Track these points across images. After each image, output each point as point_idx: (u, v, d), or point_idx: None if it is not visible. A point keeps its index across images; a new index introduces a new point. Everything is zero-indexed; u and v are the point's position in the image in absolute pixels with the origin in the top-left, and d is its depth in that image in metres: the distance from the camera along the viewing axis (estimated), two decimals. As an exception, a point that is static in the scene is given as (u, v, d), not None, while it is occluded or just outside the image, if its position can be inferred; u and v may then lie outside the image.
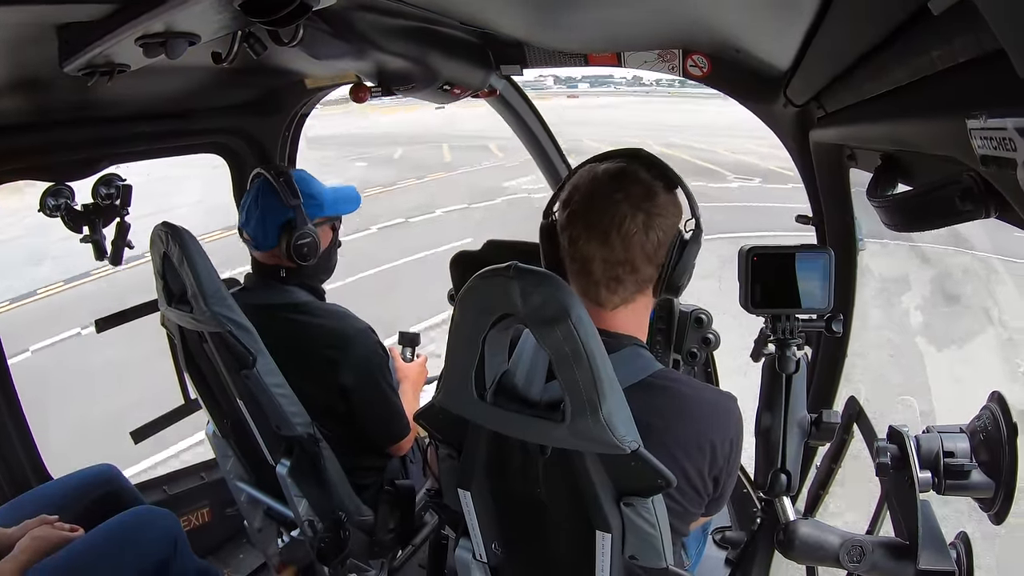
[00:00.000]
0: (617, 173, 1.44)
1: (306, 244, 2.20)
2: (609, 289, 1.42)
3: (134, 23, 1.18)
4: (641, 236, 1.39)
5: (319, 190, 2.31)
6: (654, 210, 1.40)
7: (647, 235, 1.39)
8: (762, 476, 1.56)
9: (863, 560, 1.23)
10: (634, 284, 1.42)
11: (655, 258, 1.42)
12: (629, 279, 1.41)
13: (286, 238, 2.19)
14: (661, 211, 1.41)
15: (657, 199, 1.41)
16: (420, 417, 1.44)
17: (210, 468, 3.25)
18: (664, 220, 1.41)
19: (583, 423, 1.13)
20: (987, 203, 0.82)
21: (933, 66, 0.88)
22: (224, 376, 2.16)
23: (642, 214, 1.39)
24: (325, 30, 1.70)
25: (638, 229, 1.38)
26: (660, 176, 1.45)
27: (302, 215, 2.20)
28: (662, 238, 1.41)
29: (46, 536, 2.02)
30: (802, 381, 1.58)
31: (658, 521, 1.23)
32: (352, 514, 2.33)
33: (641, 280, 1.43)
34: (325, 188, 2.35)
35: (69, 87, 1.71)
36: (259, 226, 2.22)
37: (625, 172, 1.44)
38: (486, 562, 1.48)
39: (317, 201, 2.28)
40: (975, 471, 1.19)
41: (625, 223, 1.38)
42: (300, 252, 2.20)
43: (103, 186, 2.59)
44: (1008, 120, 0.61)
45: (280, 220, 2.20)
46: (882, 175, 1.33)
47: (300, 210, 2.20)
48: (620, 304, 1.44)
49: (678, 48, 2.05)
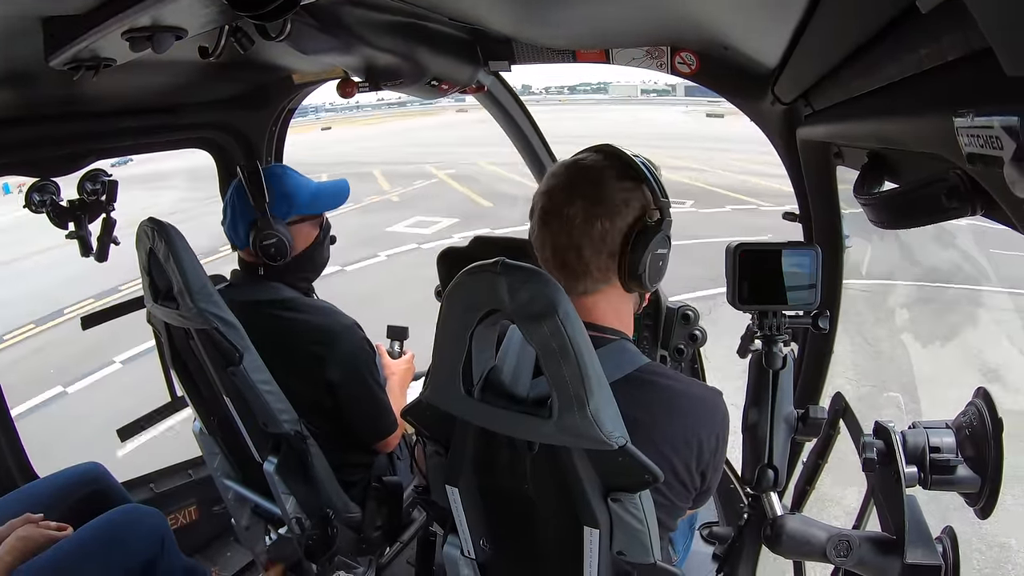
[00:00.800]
0: (570, 165, 1.46)
1: (272, 245, 2.18)
2: (564, 275, 1.42)
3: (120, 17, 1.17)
4: (582, 224, 1.38)
5: (294, 188, 2.27)
6: (598, 198, 1.39)
7: (590, 224, 1.38)
8: (749, 472, 1.58)
9: (850, 555, 1.24)
10: (587, 272, 1.41)
11: (605, 246, 1.40)
12: (579, 266, 1.40)
13: (252, 238, 2.19)
14: (606, 200, 1.39)
15: (603, 189, 1.40)
16: (407, 413, 1.43)
17: (197, 466, 3.24)
18: (609, 208, 1.39)
19: (570, 419, 1.13)
20: (973, 201, 0.83)
21: (921, 64, 0.89)
22: (211, 373, 2.15)
23: (582, 201, 1.39)
24: (313, 25, 1.69)
25: (578, 216, 1.38)
26: (617, 167, 1.43)
27: (266, 217, 2.18)
28: (608, 226, 1.39)
29: (31, 535, 2.00)
30: (789, 377, 1.59)
31: (646, 516, 1.24)
32: (340, 511, 2.33)
33: (596, 268, 1.41)
34: (307, 185, 2.32)
35: (54, 81, 1.69)
36: (231, 226, 2.22)
37: (577, 164, 1.45)
38: (474, 558, 1.48)
39: (292, 200, 2.25)
40: (961, 466, 1.21)
41: (564, 210, 1.39)
42: (267, 253, 2.19)
43: (89, 182, 2.57)
44: (995, 118, 0.61)
45: (247, 220, 2.19)
46: (869, 173, 1.33)
47: (264, 210, 2.18)
48: (584, 293, 1.43)
49: (666, 45, 2.05)
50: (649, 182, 1.42)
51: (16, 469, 2.64)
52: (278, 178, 2.25)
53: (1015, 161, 0.58)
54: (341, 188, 2.41)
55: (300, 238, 2.28)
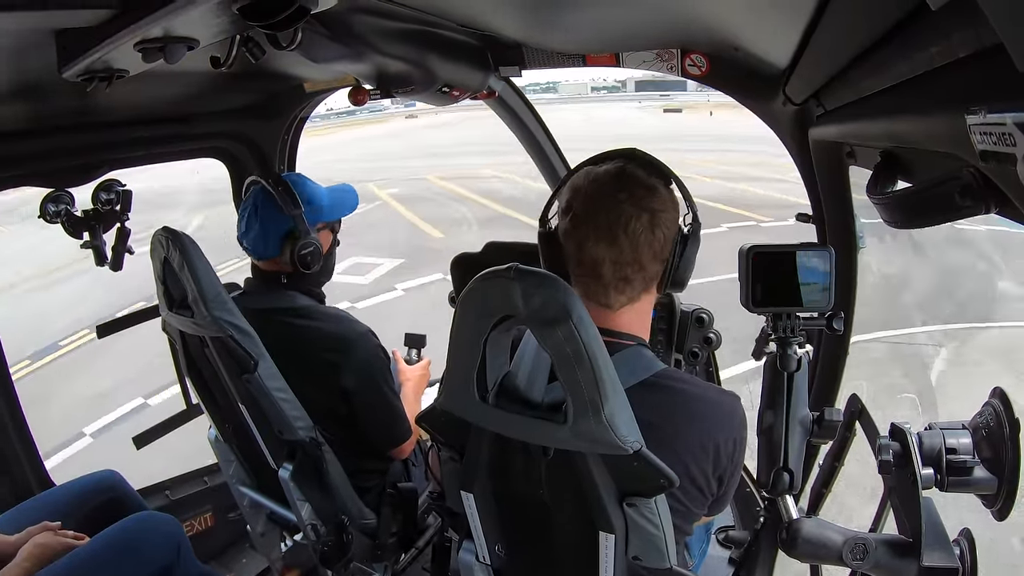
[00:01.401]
0: (618, 173, 1.44)
1: (310, 253, 2.20)
2: (618, 290, 1.42)
3: (132, 28, 1.18)
4: (648, 235, 1.39)
5: (316, 194, 2.29)
6: (657, 207, 1.40)
7: (653, 233, 1.39)
8: (765, 475, 1.57)
9: (867, 558, 1.23)
10: (642, 283, 1.43)
11: (661, 255, 1.42)
12: (637, 278, 1.42)
13: (289, 247, 2.18)
14: (663, 208, 1.41)
15: (658, 196, 1.41)
16: (422, 420, 1.44)
17: (212, 473, 3.25)
18: (667, 216, 1.42)
19: (585, 424, 1.13)
20: (987, 199, 0.82)
21: (932, 62, 0.88)
22: (226, 380, 2.16)
23: (646, 213, 1.39)
24: (323, 33, 1.70)
25: (644, 228, 1.39)
26: (657, 174, 1.45)
27: (303, 224, 2.19)
28: (667, 234, 1.42)
29: (48, 543, 2.02)
30: (804, 379, 1.58)
31: (661, 521, 1.23)
32: (355, 517, 2.33)
33: (648, 278, 1.43)
34: (321, 190, 2.34)
35: (68, 93, 1.71)
36: (260, 237, 2.21)
37: (625, 172, 1.44)
38: (489, 564, 1.48)
39: (316, 206, 2.26)
40: (978, 467, 1.19)
41: (632, 223, 1.38)
42: (304, 261, 2.19)
43: (103, 192, 2.59)
44: (1008, 115, 0.61)
45: (282, 230, 2.19)
46: (882, 172, 1.33)
47: (301, 219, 2.18)
48: (626, 303, 1.44)
49: (676, 48, 2.05)
50: (680, 184, 1.44)
51: (33, 477, 2.66)
52: (301, 185, 2.26)
53: None
54: (352, 193, 2.43)
55: (323, 244, 2.30)
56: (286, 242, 2.19)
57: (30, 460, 2.66)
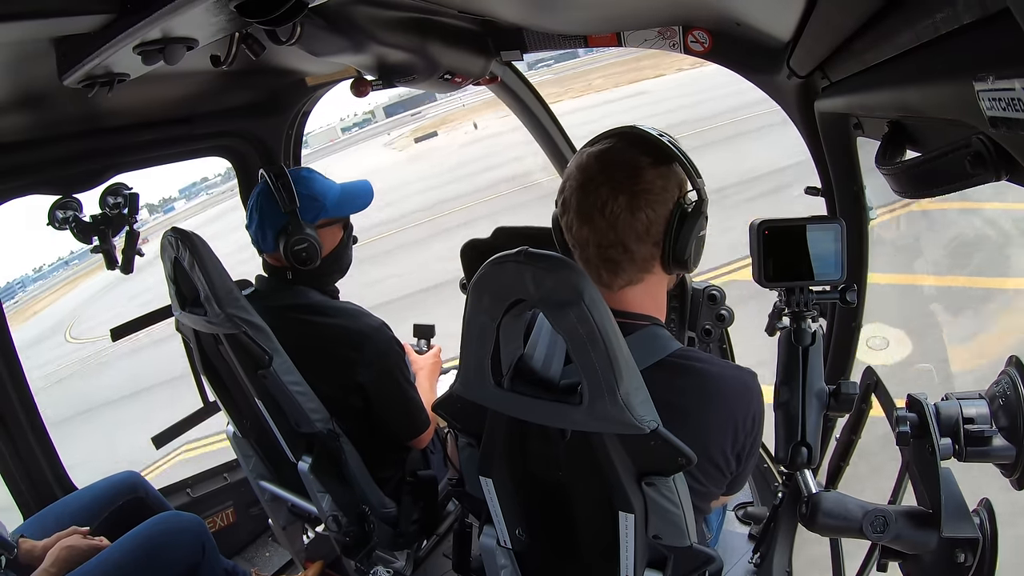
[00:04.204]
0: (599, 155, 1.43)
1: (304, 250, 2.19)
2: (608, 270, 1.41)
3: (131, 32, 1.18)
4: (627, 216, 1.37)
5: (323, 190, 2.28)
6: (638, 188, 1.37)
7: (633, 215, 1.37)
8: (783, 450, 1.57)
9: (887, 530, 1.23)
10: (632, 264, 1.41)
11: (649, 236, 1.39)
12: (624, 259, 1.40)
13: (283, 243, 2.19)
14: (647, 188, 1.38)
15: (642, 177, 1.38)
16: (439, 407, 1.44)
17: (232, 469, 3.29)
18: (652, 197, 1.38)
19: (601, 405, 1.14)
20: (997, 166, 0.82)
21: (937, 29, 0.87)
22: (241, 377, 2.17)
23: (624, 195, 1.37)
24: (322, 26, 1.70)
25: (622, 210, 1.37)
26: (649, 152, 1.42)
27: (297, 220, 2.18)
28: (653, 215, 1.38)
29: (76, 545, 2.05)
30: (818, 353, 1.57)
31: (680, 500, 1.24)
32: (375, 507, 2.35)
33: (641, 259, 1.41)
34: (332, 186, 2.32)
35: (70, 100, 1.72)
36: (258, 230, 2.23)
37: (608, 153, 1.43)
38: (511, 548, 1.49)
39: (319, 203, 2.25)
40: (996, 437, 1.19)
41: (608, 205, 1.37)
42: (298, 258, 2.19)
43: (110, 196, 2.61)
44: (1016, 80, 0.60)
45: (277, 225, 2.20)
46: (890, 142, 1.31)
47: (295, 215, 2.18)
48: (626, 284, 1.43)
49: (678, 25, 2.03)
50: (681, 161, 1.42)
51: (55, 482, 2.70)
52: (305, 181, 2.25)
53: None
54: (366, 189, 2.41)
55: (327, 240, 2.29)
56: (280, 237, 2.19)
57: (51, 465, 2.69)
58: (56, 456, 2.72)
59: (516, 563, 1.53)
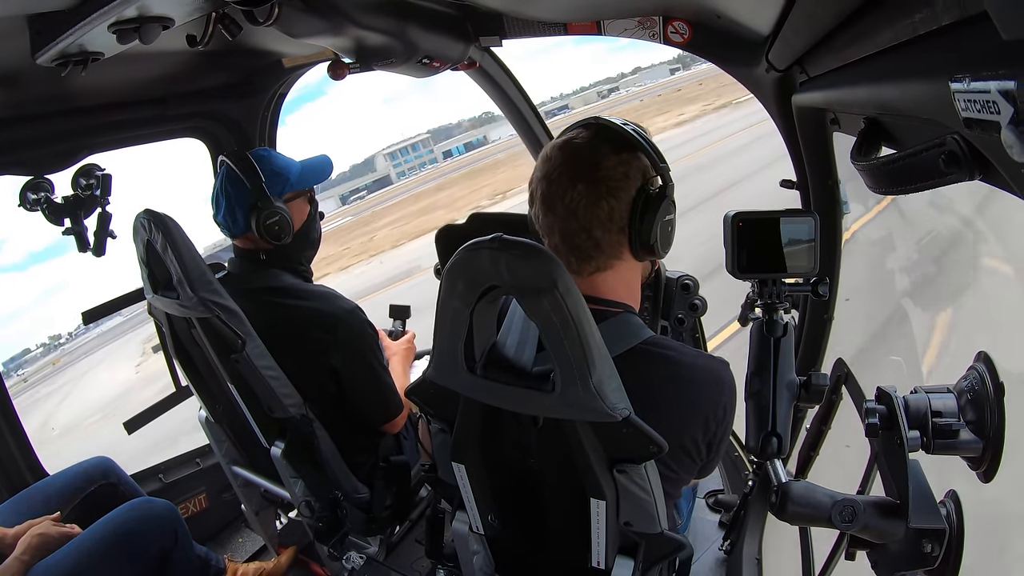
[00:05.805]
0: (563, 145, 1.43)
1: (276, 223, 2.19)
2: (576, 257, 1.41)
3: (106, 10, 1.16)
4: (587, 204, 1.37)
5: (284, 165, 2.28)
6: (598, 176, 1.37)
7: (595, 203, 1.37)
8: (753, 439, 1.59)
9: (855, 520, 1.25)
10: (599, 251, 1.40)
11: (613, 223, 1.39)
12: (590, 246, 1.39)
13: (254, 220, 2.17)
14: (607, 176, 1.38)
15: (601, 166, 1.38)
16: (411, 393, 1.44)
17: (205, 454, 3.27)
18: (614, 184, 1.38)
19: (573, 392, 1.14)
20: (971, 166, 0.83)
21: (916, 29, 0.88)
22: (214, 361, 2.15)
23: (583, 183, 1.37)
24: (300, 7, 1.68)
25: (581, 198, 1.37)
26: (611, 140, 1.41)
27: (265, 195, 2.18)
28: (616, 203, 1.38)
29: (48, 532, 2.03)
30: (790, 344, 1.60)
31: (651, 487, 1.25)
32: (348, 492, 2.35)
33: (607, 246, 1.40)
34: (293, 162, 2.32)
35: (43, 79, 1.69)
36: (228, 213, 2.21)
37: (570, 143, 1.43)
38: (483, 534, 1.49)
39: (284, 176, 2.25)
40: (963, 430, 1.21)
41: (568, 194, 1.38)
42: (272, 232, 2.19)
43: (83, 177, 2.56)
44: (991, 83, 0.61)
45: (245, 204, 2.18)
46: (866, 139, 1.32)
47: (261, 189, 2.18)
48: (596, 271, 1.43)
49: (659, 15, 2.03)
50: (644, 149, 1.41)
51: (26, 468, 2.66)
52: (264, 159, 2.25)
53: (1012, 125, 0.58)
54: (325, 162, 2.42)
55: (296, 215, 2.29)
56: (251, 215, 2.18)
57: (22, 451, 2.66)
58: (27, 442, 2.68)
59: (488, 549, 1.54)
